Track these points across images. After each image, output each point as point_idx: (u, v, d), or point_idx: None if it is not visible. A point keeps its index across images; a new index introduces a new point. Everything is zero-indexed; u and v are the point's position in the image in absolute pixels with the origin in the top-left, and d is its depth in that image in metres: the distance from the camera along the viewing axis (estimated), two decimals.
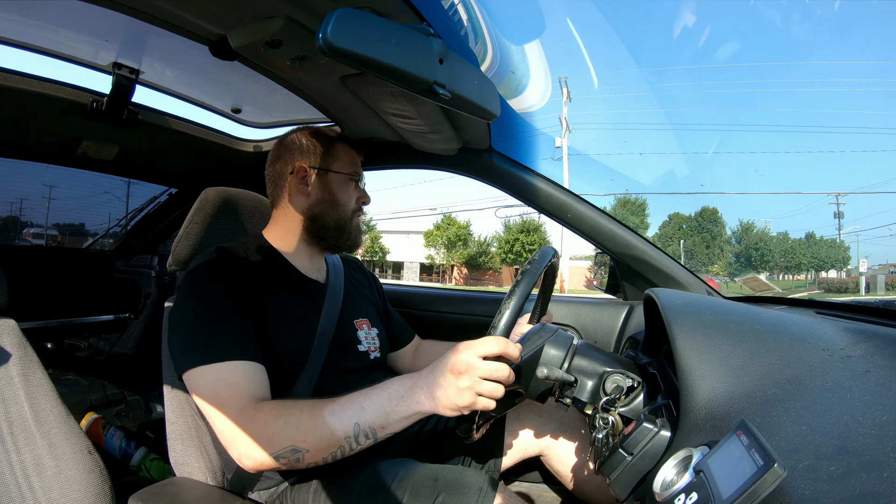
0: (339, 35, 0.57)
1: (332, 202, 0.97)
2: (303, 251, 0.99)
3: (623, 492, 0.61)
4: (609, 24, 7.29)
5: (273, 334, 0.85)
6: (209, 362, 0.76)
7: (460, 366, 0.65)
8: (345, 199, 0.98)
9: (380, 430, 0.70)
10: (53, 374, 1.87)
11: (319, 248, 1.00)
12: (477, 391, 0.65)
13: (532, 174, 1.30)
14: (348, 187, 0.99)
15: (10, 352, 0.77)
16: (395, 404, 0.69)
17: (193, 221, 0.99)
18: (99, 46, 1.06)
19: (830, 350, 0.61)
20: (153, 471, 1.60)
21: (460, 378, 0.65)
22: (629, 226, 1.32)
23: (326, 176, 0.97)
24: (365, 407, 0.70)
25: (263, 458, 0.71)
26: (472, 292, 1.64)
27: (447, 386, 0.66)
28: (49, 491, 0.73)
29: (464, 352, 0.65)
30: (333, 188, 0.97)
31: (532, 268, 0.71)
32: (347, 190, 0.99)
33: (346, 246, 1.00)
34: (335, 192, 0.97)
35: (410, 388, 0.69)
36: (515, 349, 0.66)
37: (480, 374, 0.65)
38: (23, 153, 1.47)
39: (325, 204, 0.96)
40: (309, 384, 0.88)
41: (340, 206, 0.97)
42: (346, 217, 0.98)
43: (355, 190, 1.00)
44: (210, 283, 0.83)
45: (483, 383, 0.65)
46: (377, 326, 1.06)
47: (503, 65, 1.06)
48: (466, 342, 0.67)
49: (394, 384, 0.72)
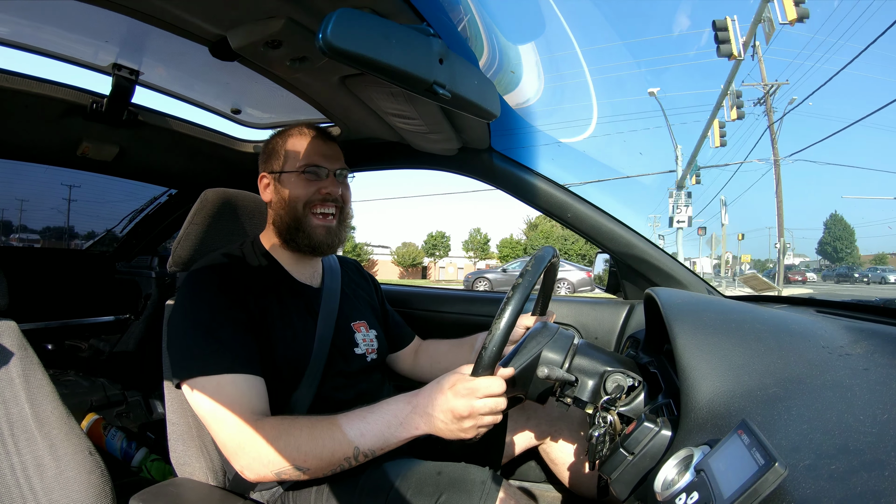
0: (339, 35, 0.57)
1: (282, 202, 0.93)
2: (288, 256, 0.97)
3: (624, 491, 0.61)
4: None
5: (272, 341, 0.85)
6: (210, 374, 0.76)
7: (462, 410, 0.68)
8: (294, 195, 0.91)
9: (378, 451, 0.74)
10: (54, 374, 1.87)
11: (299, 251, 0.95)
12: (479, 426, 0.70)
13: (532, 174, 1.30)
14: (299, 182, 0.92)
15: (10, 353, 0.77)
16: (393, 430, 0.72)
17: (193, 222, 0.99)
18: (99, 47, 1.06)
19: (831, 349, 0.61)
20: (154, 471, 1.60)
21: (463, 421, 0.69)
22: (629, 226, 1.32)
23: (280, 178, 0.94)
24: (364, 432, 0.73)
25: (265, 473, 0.73)
26: (472, 292, 1.64)
27: (449, 423, 0.70)
28: (50, 492, 0.73)
29: (465, 396, 0.68)
30: (284, 188, 0.93)
31: (531, 269, 0.71)
32: (298, 185, 0.92)
33: (307, 247, 0.93)
34: (284, 191, 0.92)
35: (409, 415, 0.72)
36: (513, 382, 0.71)
37: (481, 412, 0.68)
38: (23, 154, 1.47)
39: (279, 205, 0.93)
40: (309, 389, 0.88)
41: (290, 203, 0.91)
42: (298, 213, 0.91)
43: (310, 183, 0.92)
44: (210, 290, 0.83)
45: (484, 419, 0.69)
46: (375, 328, 1.06)
47: (502, 64, 1.06)
48: (464, 379, 0.69)
49: (391, 409, 0.74)
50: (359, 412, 0.75)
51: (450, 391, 0.69)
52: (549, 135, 1.31)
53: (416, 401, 0.73)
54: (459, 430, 0.70)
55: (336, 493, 0.80)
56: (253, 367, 0.79)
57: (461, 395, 0.68)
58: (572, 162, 1.43)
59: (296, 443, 0.72)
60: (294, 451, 0.72)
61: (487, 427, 0.71)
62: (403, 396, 0.75)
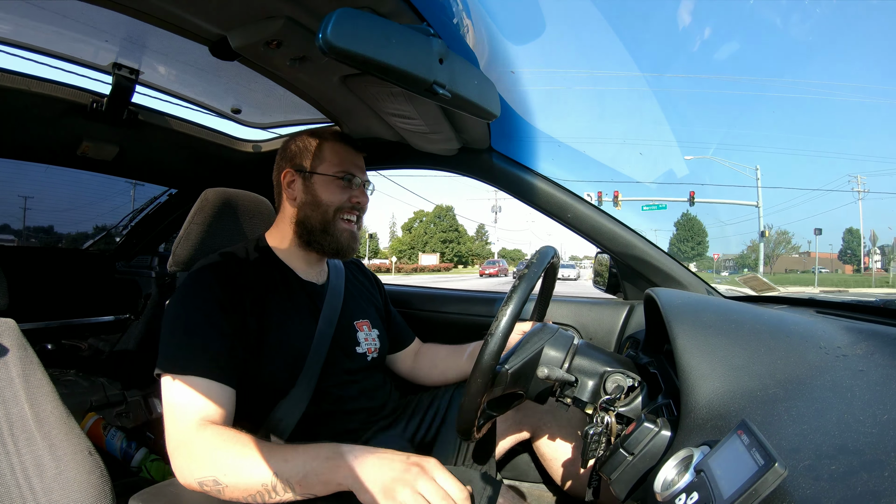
0: (339, 35, 0.57)
1: (314, 203, 0.95)
2: (300, 255, 0.98)
3: (623, 491, 0.61)
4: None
5: (271, 339, 0.85)
6: (175, 373, 0.76)
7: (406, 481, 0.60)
8: (328, 199, 0.95)
9: (297, 486, 0.65)
10: (54, 374, 1.87)
11: (314, 252, 0.98)
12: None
13: (532, 174, 1.30)
14: (334, 187, 0.95)
15: (10, 352, 0.77)
16: (318, 464, 0.65)
17: (193, 222, 0.99)
18: (99, 47, 1.06)
19: (830, 349, 0.61)
20: (154, 471, 1.60)
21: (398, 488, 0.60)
22: (629, 226, 1.32)
23: (311, 179, 0.95)
24: (288, 459, 0.66)
25: (189, 479, 0.70)
26: (472, 292, 1.64)
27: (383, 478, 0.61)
28: (49, 492, 0.73)
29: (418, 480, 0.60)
30: (317, 189, 0.95)
31: (531, 271, 0.71)
32: (332, 190, 0.95)
33: (332, 250, 0.96)
34: (318, 192, 0.95)
35: (340, 455, 0.65)
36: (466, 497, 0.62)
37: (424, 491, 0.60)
38: (23, 153, 1.47)
39: (308, 206, 0.95)
40: (308, 386, 0.88)
41: (323, 207, 0.94)
42: (329, 217, 0.95)
43: (343, 190, 0.96)
44: (202, 292, 0.83)
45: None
46: (377, 327, 1.06)
47: (502, 64, 1.06)
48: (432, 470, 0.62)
49: (325, 445, 0.68)
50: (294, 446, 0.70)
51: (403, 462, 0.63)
52: (550, 135, 1.31)
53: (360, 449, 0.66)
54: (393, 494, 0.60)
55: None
56: (221, 376, 0.77)
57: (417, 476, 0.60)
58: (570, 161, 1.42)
59: (223, 455, 0.68)
60: (219, 463, 0.68)
61: None
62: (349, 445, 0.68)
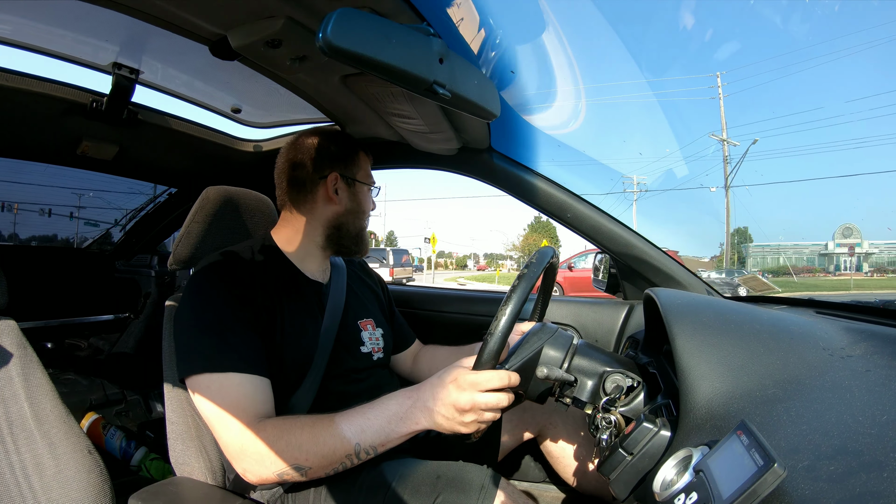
0: (339, 35, 0.57)
1: (359, 212, 1.00)
2: (314, 255, 0.99)
3: (623, 491, 0.61)
4: None
5: (278, 338, 0.85)
6: (215, 371, 0.76)
7: (464, 403, 0.67)
8: (366, 207, 1.01)
9: (380, 447, 0.73)
10: (53, 373, 1.87)
11: (333, 252, 1.02)
12: (479, 421, 0.69)
13: (532, 174, 1.30)
14: (368, 196, 1.02)
15: (10, 352, 0.77)
16: (394, 426, 0.72)
17: (195, 221, 0.99)
18: (99, 46, 1.06)
19: (830, 350, 0.61)
20: (153, 470, 1.60)
21: (465, 415, 0.68)
22: (629, 226, 1.32)
23: (354, 186, 0.99)
24: (365, 429, 0.72)
25: (267, 475, 0.73)
26: (472, 292, 1.64)
27: (450, 418, 0.69)
28: (49, 490, 0.73)
29: (467, 389, 0.68)
30: (360, 198, 1.00)
31: (529, 271, 0.71)
32: (368, 199, 1.02)
33: (359, 251, 1.03)
34: (362, 202, 1.00)
35: (409, 410, 0.72)
36: (516, 378, 0.69)
37: (483, 408, 0.68)
38: (23, 153, 1.47)
39: (352, 214, 0.99)
40: (313, 385, 0.88)
41: (363, 215, 1.01)
42: (365, 225, 1.02)
43: (370, 200, 1.03)
44: (217, 288, 0.83)
45: (485, 414, 0.69)
46: (382, 327, 1.07)
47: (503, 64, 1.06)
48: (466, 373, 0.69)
49: (392, 404, 0.73)
50: (359, 409, 0.75)
51: (451, 385, 0.69)
52: (550, 135, 1.31)
53: (417, 395, 0.72)
54: (460, 424, 0.69)
55: (335, 492, 0.80)
56: (258, 368, 0.79)
57: (463, 388, 0.68)
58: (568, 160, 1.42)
59: (297, 442, 0.72)
60: (295, 452, 0.72)
61: (488, 423, 0.70)
62: (403, 391, 0.75)
